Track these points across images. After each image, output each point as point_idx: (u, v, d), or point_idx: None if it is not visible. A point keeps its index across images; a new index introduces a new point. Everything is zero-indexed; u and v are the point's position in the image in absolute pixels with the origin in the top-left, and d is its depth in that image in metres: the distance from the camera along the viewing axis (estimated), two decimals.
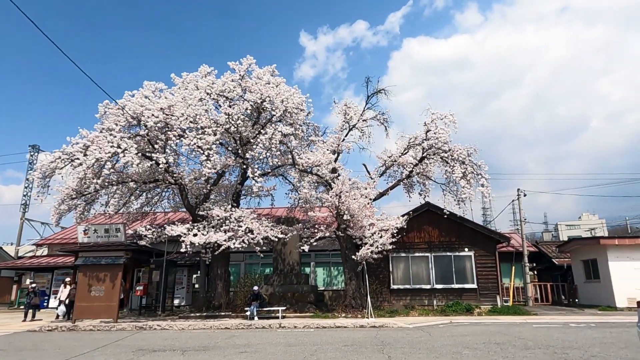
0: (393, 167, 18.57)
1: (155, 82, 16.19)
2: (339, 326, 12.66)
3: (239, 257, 21.86)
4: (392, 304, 17.90)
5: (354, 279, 16.50)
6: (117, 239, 19.82)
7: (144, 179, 17.28)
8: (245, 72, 17.11)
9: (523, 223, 22.04)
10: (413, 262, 18.47)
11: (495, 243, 18.60)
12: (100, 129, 14.89)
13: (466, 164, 16.42)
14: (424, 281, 18.22)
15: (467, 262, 18.22)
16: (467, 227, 18.57)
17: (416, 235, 18.78)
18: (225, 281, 17.72)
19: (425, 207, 18.78)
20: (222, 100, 16.39)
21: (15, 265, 23.31)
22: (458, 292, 17.90)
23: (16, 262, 23.83)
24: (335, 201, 15.55)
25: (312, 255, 21.50)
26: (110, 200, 18.66)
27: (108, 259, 14.86)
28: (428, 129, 16.72)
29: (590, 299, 19.25)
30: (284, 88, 16.58)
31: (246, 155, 15.55)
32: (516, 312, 15.85)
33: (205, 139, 14.86)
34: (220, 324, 13.24)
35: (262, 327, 12.87)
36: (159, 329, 13.02)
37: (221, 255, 16.86)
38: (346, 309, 16.06)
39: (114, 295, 13.96)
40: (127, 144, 13.89)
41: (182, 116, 14.97)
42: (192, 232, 15.05)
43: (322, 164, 16.02)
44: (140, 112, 14.48)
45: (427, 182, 18.77)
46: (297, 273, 18.33)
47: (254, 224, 15.57)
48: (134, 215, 20.44)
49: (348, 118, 17.74)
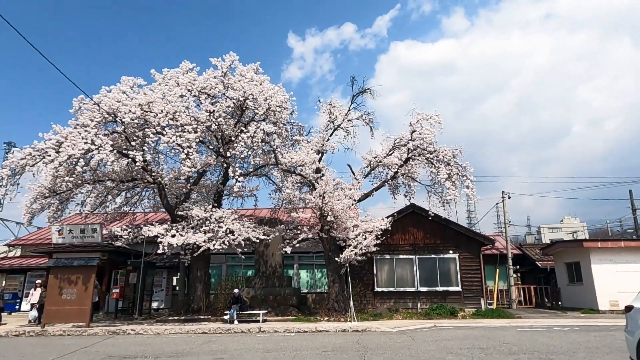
0: (378, 168, 18.33)
1: (133, 78, 15.64)
2: (321, 330, 12.31)
3: (220, 259, 21.33)
4: (376, 307, 17.62)
5: (337, 282, 16.16)
6: (94, 239, 19.16)
7: (122, 178, 16.71)
8: (228, 69, 16.69)
9: (507, 225, 22.02)
10: (397, 265, 18.23)
11: (479, 245, 18.47)
12: (74, 124, 14.28)
13: (451, 165, 16.25)
14: (408, 284, 17.99)
15: (452, 264, 18.05)
16: (451, 229, 18.42)
17: (401, 237, 18.54)
18: (205, 284, 17.22)
19: (410, 209, 18.56)
20: (203, 97, 15.95)
21: None
22: (442, 295, 17.71)
23: None
24: (319, 202, 15.20)
25: (295, 257, 21.11)
26: (86, 200, 18.06)
27: (81, 260, 14.24)
28: (413, 129, 16.51)
29: (573, 301, 19.26)
30: (268, 86, 16.20)
31: (227, 154, 15.11)
32: (500, 316, 15.71)
33: (185, 136, 14.38)
34: (197, 328, 12.76)
35: (241, 332, 12.44)
36: (133, 333, 12.48)
37: (201, 257, 16.37)
38: (329, 313, 15.70)
39: (86, 299, 13.36)
40: (102, 141, 13.33)
41: (161, 113, 14.47)
42: (170, 233, 14.56)
43: (306, 164, 15.66)
44: (117, 107, 13.94)
45: (413, 184, 18.58)
46: (279, 275, 17.92)
47: (235, 225, 15.15)
48: (112, 215, 19.82)
49: (333, 118, 17.43)
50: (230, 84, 16.00)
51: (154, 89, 15.86)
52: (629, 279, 16.81)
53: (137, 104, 14.35)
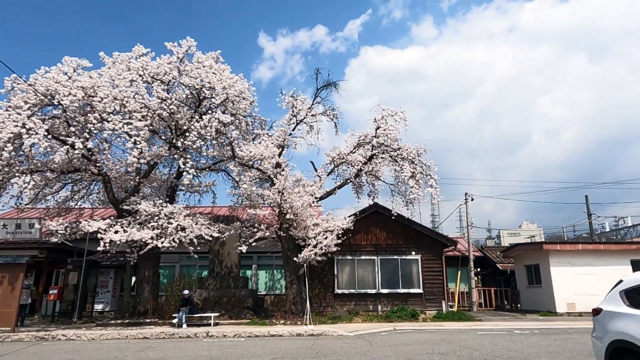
0: (342, 166, 17.70)
1: (77, 59, 14.27)
2: (274, 335, 11.48)
3: (173, 259, 20.07)
4: (335, 309, 16.96)
5: (295, 283, 15.38)
6: (31, 235, 17.58)
7: (63, 169, 15.27)
8: (184, 55, 15.59)
9: (470, 227, 21.93)
10: (359, 266, 17.65)
11: (442, 247, 18.18)
12: (6, 106, 12.83)
13: (415, 163, 15.85)
14: (370, 285, 17.44)
15: (414, 266, 17.66)
16: (414, 230, 18.03)
17: (363, 237, 17.99)
18: (153, 284, 16.00)
19: (373, 208, 18.05)
20: (156, 84, 14.79)
21: None
22: (404, 297, 17.26)
23: None
24: (277, 198, 14.39)
25: (254, 257, 20.17)
26: (22, 192, 16.42)
27: (8, 258, 12.78)
28: (378, 125, 15.99)
29: (532, 304, 19.31)
30: (227, 75, 15.27)
31: (177, 144, 14.04)
32: (461, 318, 15.40)
33: (133, 124, 13.23)
34: (139, 332, 11.64)
35: (187, 337, 11.42)
36: (64, 339, 11.21)
37: (149, 256, 15.17)
38: (286, 316, 14.90)
39: (12, 301, 11.95)
40: (36, 124, 11.98)
41: (106, 97, 13.25)
42: (113, 229, 13.33)
43: (265, 158, 14.81)
44: (55, 89, 12.61)
45: (377, 183, 18.11)
46: (235, 276, 16.93)
47: (186, 221, 14.09)
48: (56, 210, 18.17)
49: (296, 111, 16.65)
50: (186, 71, 14.96)
51: (103, 73, 14.59)
52: (585, 281, 16.95)
53: (79, 87, 13.08)
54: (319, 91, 16.85)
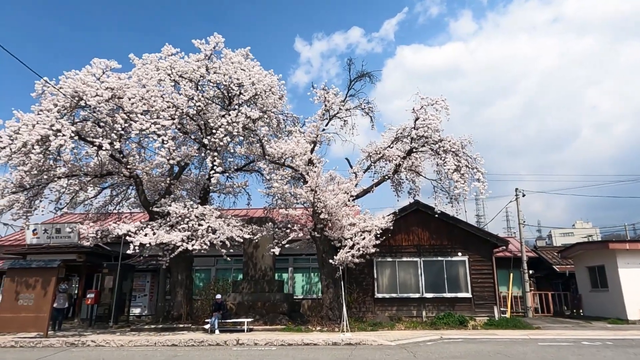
0: (379, 162, 16.62)
1: (106, 60, 14.12)
2: (308, 343, 10.60)
3: (209, 262, 19.74)
4: (376, 314, 15.86)
5: (332, 287, 14.45)
6: (70, 239, 17.77)
7: (96, 172, 15.21)
8: (212, 52, 15.16)
9: (522, 226, 20.14)
10: (400, 268, 16.46)
11: (491, 247, 16.64)
12: (37, 110, 12.81)
13: (460, 156, 14.50)
14: (413, 289, 16.20)
15: (461, 268, 16.24)
16: (460, 229, 16.61)
17: (404, 237, 16.78)
18: (186, 288, 15.60)
19: (414, 207, 16.81)
20: (184, 82, 14.42)
21: None
22: (450, 302, 15.90)
23: None
24: (310, 197, 13.53)
25: (289, 259, 19.47)
26: (61, 197, 16.55)
27: (40, 262, 12.70)
28: (417, 116, 14.78)
29: (596, 310, 17.32)
30: (256, 70, 14.67)
31: (204, 141, 13.54)
32: (516, 326, 13.87)
33: (160, 123, 12.86)
34: (168, 339, 11.13)
35: (216, 344, 10.77)
36: (93, 345, 10.88)
37: (181, 259, 14.80)
38: (322, 321, 14.00)
39: (44, 305, 11.80)
40: (63, 125, 11.81)
41: (134, 97, 12.96)
42: (143, 232, 12.99)
43: (297, 155, 14.02)
44: (83, 90, 12.43)
45: (417, 180, 16.87)
46: (269, 279, 16.25)
47: (217, 223, 13.55)
48: (95, 215, 18.28)
49: (328, 106, 15.76)
50: (214, 68, 14.50)
51: (132, 74, 14.40)
52: None
53: (106, 87, 12.87)
54: (352, 83, 15.89)
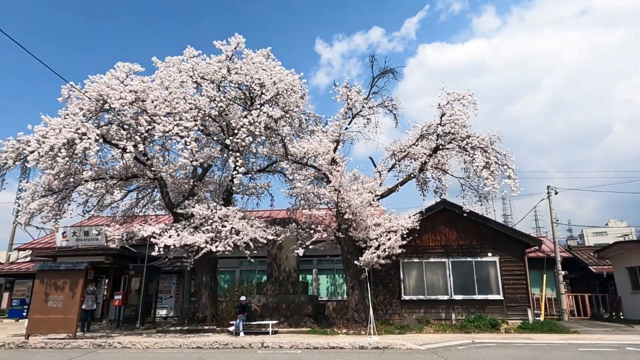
0: (404, 160, 16.20)
1: (129, 64, 14.24)
2: (334, 347, 10.32)
3: (233, 263, 19.73)
4: (403, 317, 15.44)
5: (357, 288, 14.12)
6: (98, 242, 18.07)
7: (121, 175, 15.38)
8: (233, 53, 15.10)
9: (555, 224, 19.30)
10: (427, 269, 15.98)
11: (523, 247, 15.97)
12: (64, 114, 13.01)
13: (489, 152, 13.95)
14: (441, 291, 15.70)
15: (491, 269, 15.64)
16: (490, 229, 16.00)
17: (431, 237, 16.30)
18: (211, 290, 15.54)
19: (441, 206, 16.30)
20: (206, 83, 14.40)
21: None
22: (481, 304, 15.32)
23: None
24: (334, 197, 13.26)
25: (313, 261, 19.25)
26: (89, 200, 16.82)
27: (68, 264, 12.86)
28: (443, 112, 14.31)
29: (638, 313, 16.38)
30: (278, 70, 14.53)
31: (226, 142, 13.46)
32: (552, 330, 13.21)
33: (182, 124, 12.85)
34: (193, 341, 11.05)
35: (241, 347, 10.63)
36: (119, 347, 10.91)
37: (206, 261, 14.73)
38: (348, 324, 13.69)
39: (73, 306, 11.93)
40: (88, 129, 11.94)
41: (157, 99, 13.01)
42: (167, 234, 13.00)
43: (319, 154, 13.78)
44: (107, 93, 12.55)
45: (444, 178, 16.34)
46: (294, 281, 16.06)
47: (240, 224, 13.44)
48: (123, 217, 18.52)
49: (351, 104, 15.46)
50: (235, 69, 14.44)
51: (155, 77, 14.49)
52: None
53: (130, 90, 12.96)
54: (375, 80, 15.51)
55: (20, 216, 14.95)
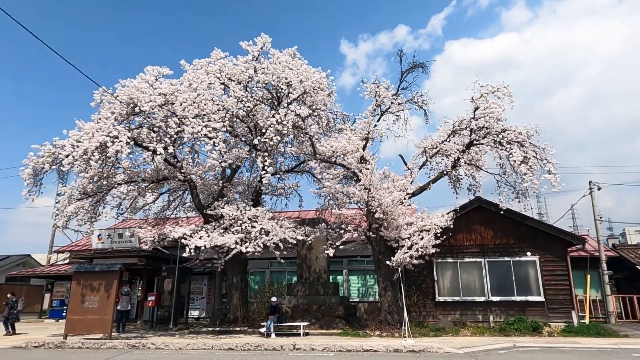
0: (435, 157, 15.70)
1: (159, 67, 14.42)
2: (367, 349, 10.01)
3: (263, 264, 19.69)
4: (438, 319, 14.94)
5: (390, 290, 13.75)
6: (131, 244, 18.40)
7: (152, 177, 15.59)
8: (259, 53, 15.04)
9: (598, 222, 18.26)
10: (462, 269, 15.42)
11: (565, 246, 15.16)
12: (97, 119, 13.29)
13: (526, 146, 13.30)
14: (477, 292, 15.11)
15: (531, 268, 14.92)
16: (529, 227, 15.28)
17: (465, 236, 15.72)
18: (242, 291, 15.51)
19: (476, 203, 15.70)
20: (233, 84, 14.40)
21: (34, 273, 22.52)
22: (520, 305, 14.64)
23: (35, 270, 23.11)
24: (364, 195, 12.97)
25: (344, 261, 18.95)
26: (122, 202, 17.16)
27: (103, 266, 13.10)
28: (476, 106, 13.75)
29: None
30: (304, 68, 14.37)
31: (254, 142, 13.38)
32: (600, 333, 12.43)
33: (211, 125, 12.88)
34: (224, 343, 10.99)
35: (272, 349, 10.48)
36: (153, 347, 10.98)
37: (236, 261, 14.72)
38: (381, 326, 13.34)
39: (107, 307, 12.13)
40: (119, 132, 12.12)
41: (185, 102, 13.10)
42: (198, 235, 13.05)
43: (348, 152, 13.52)
44: (137, 96, 12.72)
45: (478, 174, 15.73)
46: (324, 282, 15.83)
47: (269, 224, 13.35)
48: (155, 220, 18.83)
49: (379, 100, 15.13)
50: (262, 69, 14.37)
51: (183, 80, 14.62)
52: None
53: (159, 93, 13.10)
54: (404, 75, 15.12)
55: (57, 219, 15.34)
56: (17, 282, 24.48)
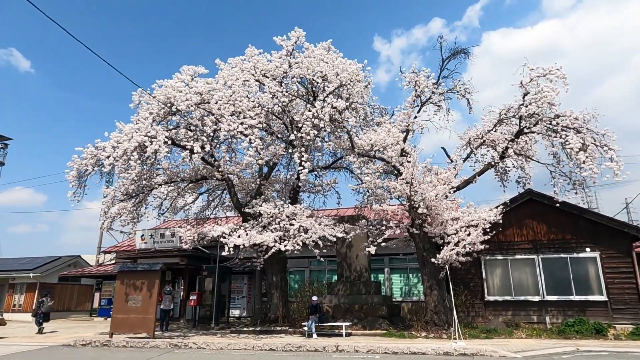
0: (480, 149, 14.86)
1: (194, 67, 14.45)
2: (415, 352, 9.44)
3: (302, 263, 19.41)
4: (487, 320, 14.07)
5: (436, 289, 13.07)
6: (172, 244, 18.64)
7: (191, 177, 15.67)
8: (294, 48, 14.74)
9: None
10: (514, 267, 14.45)
11: (629, 240, 13.84)
12: (135, 120, 13.44)
13: (583, 133, 12.23)
14: (530, 291, 14.11)
15: (591, 265, 13.76)
16: (587, 220, 14.09)
17: (516, 232, 14.74)
18: (282, 290, 15.29)
19: (527, 196, 14.68)
20: (268, 80, 14.18)
21: (84, 273, 23.34)
22: (579, 305, 13.52)
23: (84, 270, 23.96)
24: (406, 190, 12.36)
25: (385, 259, 18.35)
26: (163, 203, 17.40)
27: (145, 265, 13.21)
28: (526, 91, 12.79)
29: None
30: (340, 61, 13.94)
31: (291, 138, 13.07)
32: None
33: (247, 122, 12.71)
34: (265, 343, 10.74)
35: (315, 350, 10.11)
36: (194, 347, 10.90)
37: (275, 260, 14.53)
38: (427, 327, 12.69)
39: (150, 307, 12.20)
40: (157, 131, 12.16)
41: (221, 99, 13.00)
42: (236, 233, 12.91)
43: (388, 145, 12.96)
44: (173, 95, 12.74)
45: (527, 166, 14.73)
46: (365, 281, 15.32)
47: (308, 222, 13.02)
48: (196, 220, 18.99)
49: (419, 90, 14.45)
50: (297, 63, 14.07)
51: (218, 78, 14.56)
52: None
53: (195, 92, 13.07)
54: (444, 63, 14.37)
55: (102, 220, 15.70)
56: (68, 281, 25.51)
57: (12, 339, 13.68)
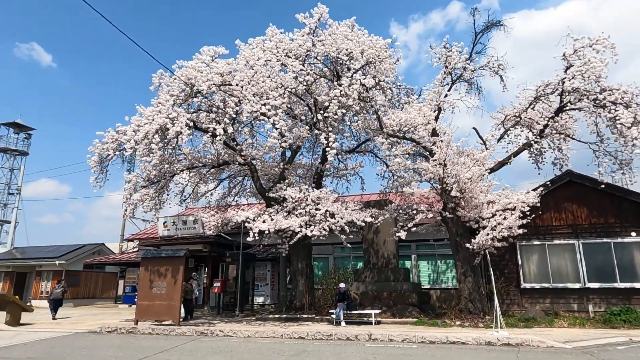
0: (514, 129, 14.04)
1: (214, 47, 13.92)
2: (454, 342, 8.88)
3: (326, 250, 18.95)
4: (523, 308, 13.39)
5: (470, 275, 12.43)
6: (195, 230, 18.36)
7: (213, 163, 15.28)
8: (317, 25, 14.07)
9: None
10: (552, 252, 13.67)
11: None
12: (156, 103, 13.04)
13: (633, 107, 11.29)
14: (570, 278, 13.33)
15: (637, 251, 12.89)
16: (632, 202, 13.16)
17: (554, 216, 13.92)
18: (307, 277, 14.85)
19: (566, 178, 13.81)
20: (290, 60, 13.58)
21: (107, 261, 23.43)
22: (624, 293, 12.70)
23: (108, 257, 24.04)
24: (439, 171, 11.68)
25: (412, 246, 17.72)
26: (185, 189, 17.10)
27: (168, 251, 12.94)
28: (569, 63, 11.87)
29: None
30: (365, 38, 13.24)
31: (317, 116, 12.48)
32: None
33: (270, 103, 12.19)
34: (294, 331, 10.34)
35: (346, 339, 9.64)
36: (221, 335, 10.57)
37: (300, 246, 14.08)
38: (461, 315, 12.09)
39: (175, 293, 11.92)
40: (179, 113, 11.74)
41: (242, 80, 12.48)
42: (261, 219, 12.50)
43: (419, 125, 12.27)
44: (194, 76, 12.28)
45: (565, 146, 13.83)
46: (393, 267, 14.78)
47: (335, 206, 12.50)
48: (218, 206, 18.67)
49: (450, 67, 13.65)
50: (320, 41, 13.42)
51: (239, 59, 14.03)
52: None
53: (216, 73, 12.58)
54: (477, 37, 13.51)
55: (125, 207, 15.48)
56: (93, 269, 25.74)
57: (39, 325, 13.67)
